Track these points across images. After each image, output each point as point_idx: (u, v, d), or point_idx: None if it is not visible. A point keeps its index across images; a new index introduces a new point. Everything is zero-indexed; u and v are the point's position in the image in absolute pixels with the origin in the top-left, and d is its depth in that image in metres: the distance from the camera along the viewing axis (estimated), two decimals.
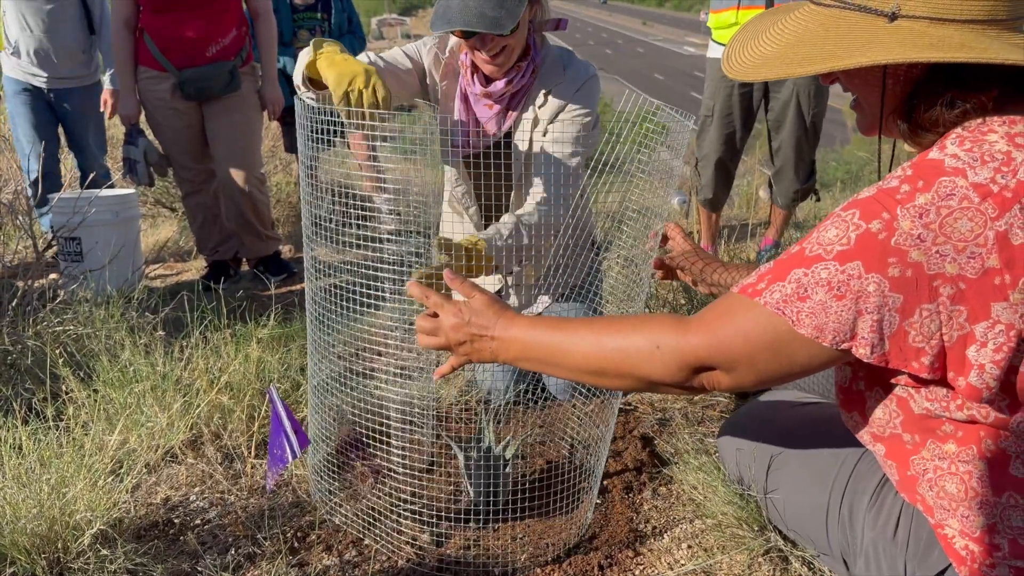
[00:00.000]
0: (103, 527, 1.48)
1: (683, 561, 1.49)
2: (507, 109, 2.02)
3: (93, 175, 3.47)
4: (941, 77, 1.00)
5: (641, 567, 1.48)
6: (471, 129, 2.04)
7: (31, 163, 3.64)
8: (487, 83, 1.99)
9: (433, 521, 1.59)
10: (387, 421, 1.60)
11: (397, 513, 1.55)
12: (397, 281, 1.46)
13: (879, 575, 1.19)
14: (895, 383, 1.07)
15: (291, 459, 1.47)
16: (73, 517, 1.47)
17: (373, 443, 1.60)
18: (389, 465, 1.60)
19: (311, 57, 1.64)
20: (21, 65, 3.67)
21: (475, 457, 1.61)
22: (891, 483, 1.19)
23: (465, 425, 2.04)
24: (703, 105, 3.38)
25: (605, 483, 1.76)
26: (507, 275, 2.18)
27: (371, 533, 1.55)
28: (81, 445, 1.68)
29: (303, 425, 1.77)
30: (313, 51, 1.64)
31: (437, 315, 1.28)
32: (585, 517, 1.61)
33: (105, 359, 2.07)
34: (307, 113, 1.50)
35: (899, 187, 0.97)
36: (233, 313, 2.53)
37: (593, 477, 1.66)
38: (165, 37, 3.14)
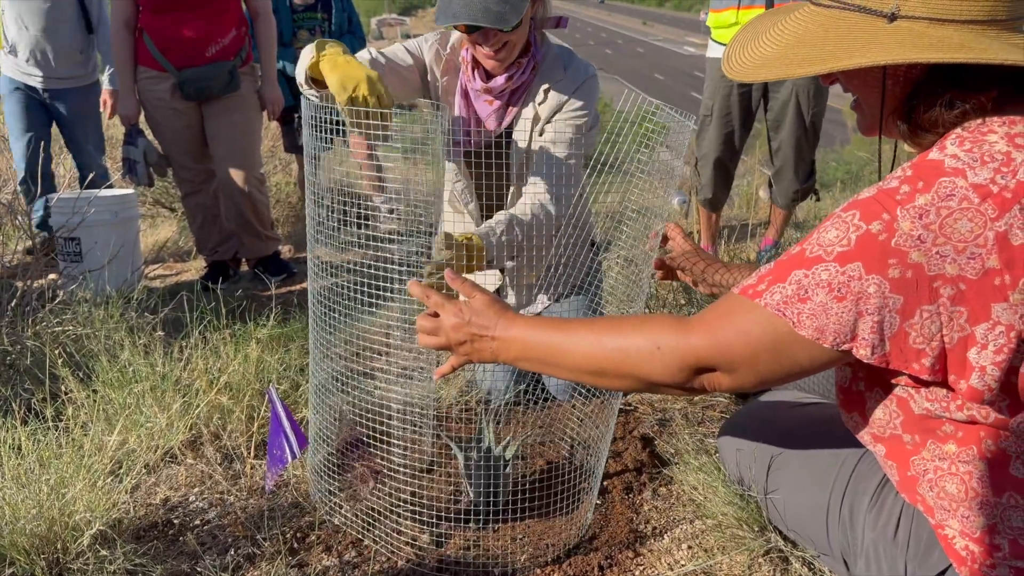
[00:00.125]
0: (102, 528, 1.48)
1: (683, 562, 1.49)
2: (507, 105, 2.02)
3: (92, 175, 3.46)
4: (941, 78, 1.00)
5: (641, 568, 1.48)
6: (472, 126, 2.04)
7: (19, 163, 3.64)
8: (488, 79, 1.99)
9: (433, 522, 1.58)
10: (387, 421, 1.59)
11: (397, 514, 1.55)
12: (398, 281, 1.46)
13: (879, 575, 1.19)
14: (895, 384, 1.07)
15: (290, 459, 1.47)
16: (72, 518, 1.46)
17: (373, 443, 1.60)
18: (389, 465, 1.60)
19: (314, 58, 1.63)
20: (18, 64, 3.66)
21: (475, 458, 1.61)
22: (891, 484, 1.19)
23: (465, 425, 2.04)
24: (702, 105, 3.38)
25: (605, 483, 1.76)
26: (504, 274, 2.18)
27: (371, 534, 1.54)
28: (80, 445, 1.68)
29: (302, 426, 1.77)
30: (316, 52, 1.63)
31: (438, 315, 1.28)
32: (585, 518, 1.61)
33: (104, 359, 2.07)
34: (317, 112, 1.50)
35: (899, 188, 0.97)
36: (232, 313, 2.53)
37: (593, 477, 1.66)
38: (165, 37, 3.14)
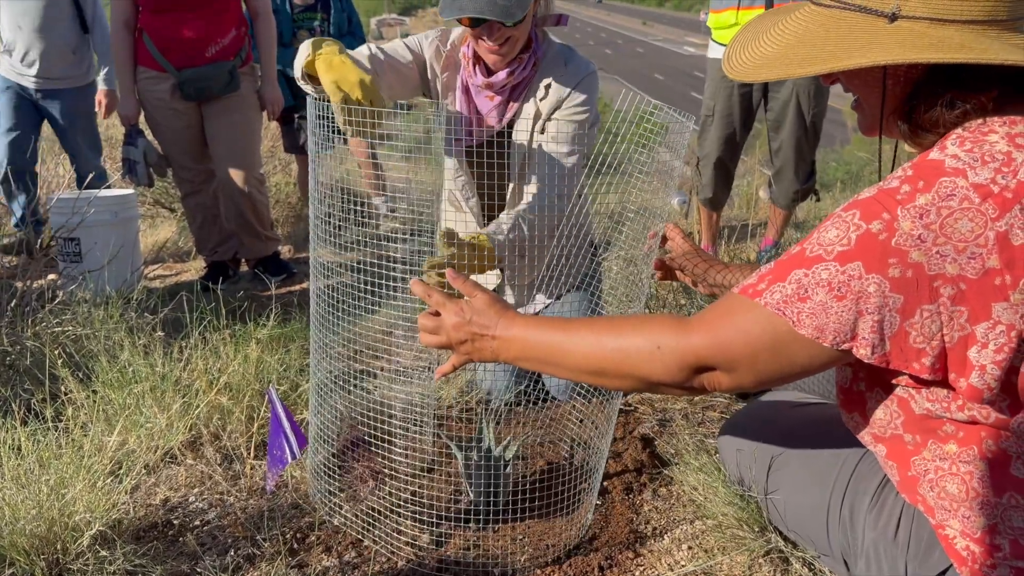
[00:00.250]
0: (102, 528, 1.48)
1: (683, 562, 1.48)
2: (508, 101, 2.02)
3: (92, 175, 3.45)
4: (941, 78, 1.00)
5: (641, 568, 1.48)
6: (472, 122, 2.04)
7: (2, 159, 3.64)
8: (489, 74, 1.99)
9: (433, 522, 1.58)
10: (388, 421, 1.59)
11: (397, 514, 1.55)
12: (400, 280, 1.46)
13: (880, 575, 1.19)
14: (896, 384, 1.07)
15: (290, 460, 1.47)
16: (72, 518, 1.46)
17: (373, 444, 1.60)
18: (389, 466, 1.60)
19: (309, 56, 1.63)
20: (12, 64, 3.65)
21: (475, 458, 1.61)
22: (892, 484, 1.19)
23: (465, 425, 2.04)
24: (704, 105, 3.38)
25: (605, 484, 1.75)
26: (504, 271, 2.17)
27: (371, 534, 1.54)
28: (80, 446, 1.68)
29: (302, 426, 1.77)
30: (312, 51, 1.63)
31: (439, 314, 1.28)
32: (585, 518, 1.61)
33: (104, 360, 2.07)
34: (320, 111, 1.49)
35: (899, 187, 0.97)
36: (232, 314, 2.53)
37: (593, 478, 1.66)
38: (164, 37, 3.13)
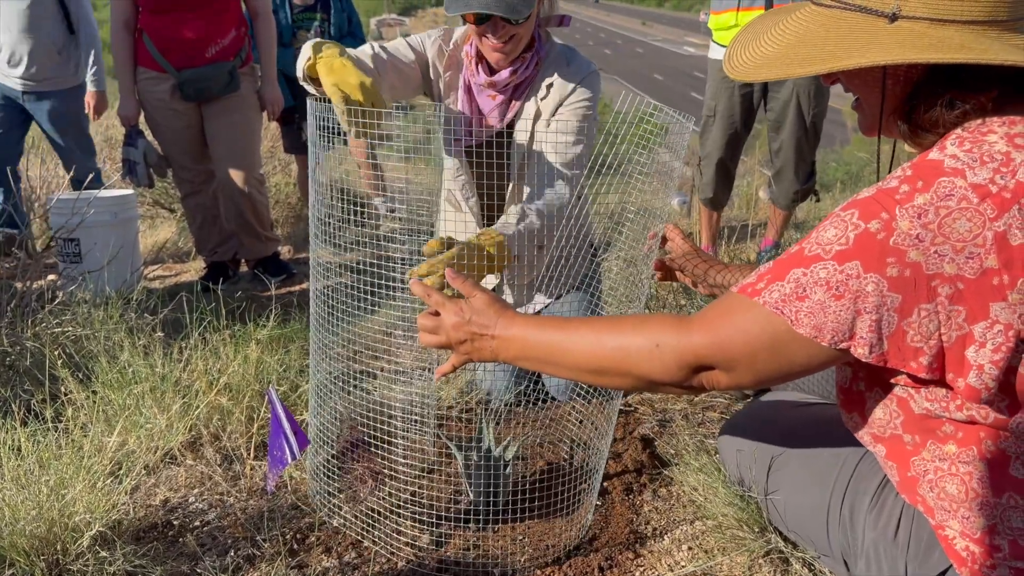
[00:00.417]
0: (102, 529, 1.48)
1: (683, 563, 1.48)
2: (510, 100, 2.02)
3: (91, 176, 3.44)
4: (941, 78, 1.00)
5: (641, 569, 1.48)
6: (474, 121, 2.04)
7: None
8: (491, 73, 1.99)
9: (433, 523, 1.58)
10: (388, 422, 1.59)
11: (397, 515, 1.55)
12: (400, 280, 1.46)
13: None
14: (895, 383, 1.07)
15: (290, 460, 1.47)
16: (72, 519, 1.46)
17: (373, 444, 1.60)
18: (389, 466, 1.60)
19: (310, 60, 1.63)
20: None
21: (475, 458, 1.61)
22: (892, 484, 1.19)
23: (465, 426, 2.04)
24: (705, 105, 3.39)
25: (605, 484, 1.75)
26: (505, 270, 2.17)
27: (370, 535, 1.54)
28: (80, 447, 1.68)
29: (302, 427, 1.77)
30: (313, 53, 1.63)
31: (438, 314, 1.28)
32: (585, 518, 1.61)
33: (104, 360, 2.07)
34: (322, 112, 1.49)
35: (898, 187, 0.97)
36: (232, 314, 2.53)
37: (593, 478, 1.66)
38: (164, 38, 3.13)
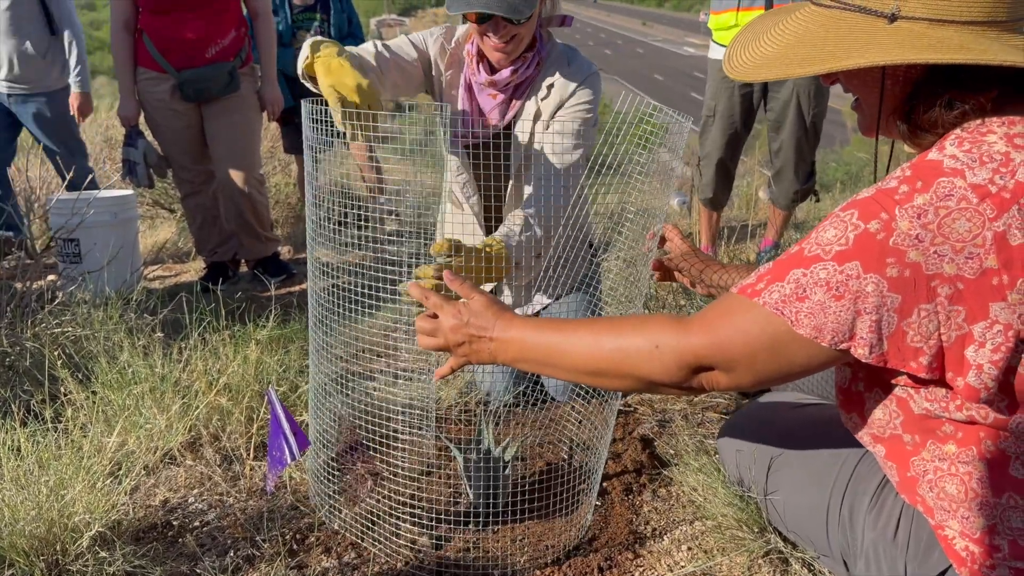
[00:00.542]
0: (102, 529, 1.48)
1: (683, 563, 1.48)
2: (511, 99, 2.02)
3: (90, 178, 3.43)
4: (940, 78, 1.00)
5: (641, 569, 1.48)
6: (475, 120, 2.04)
7: None
8: (492, 72, 1.99)
9: (432, 524, 1.58)
10: (387, 423, 1.59)
11: (396, 516, 1.55)
12: (399, 282, 1.46)
13: None
14: (895, 384, 1.07)
15: (290, 461, 1.47)
16: (72, 519, 1.46)
17: (373, 446, 1.60)
18: (389, 467, 1.60)
19: (308, 59, 1.63)
20: None
21: (474, 459, 1.61)
22: (891, 484, 1.19)
23: (464, 427, 2.04)
24: (705, 105, 3.39)
25: (605, 485, 1.75)
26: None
27: (370, 536, 1.54)
28: (80, 447, 1.68)
29: (302, 427, 1.77)
30: (311, 52, 1.63)
31: (437, 316, 1.28)
32: (585, 519, 1.61)
33: (104, 361, 2.07)
34: (316, 115, 1.49)
35: (898, 187, 0.97)
36: (232, 314, 2.53)
37: (592, 479, 1.66)
38: (164, 38, 3.14)
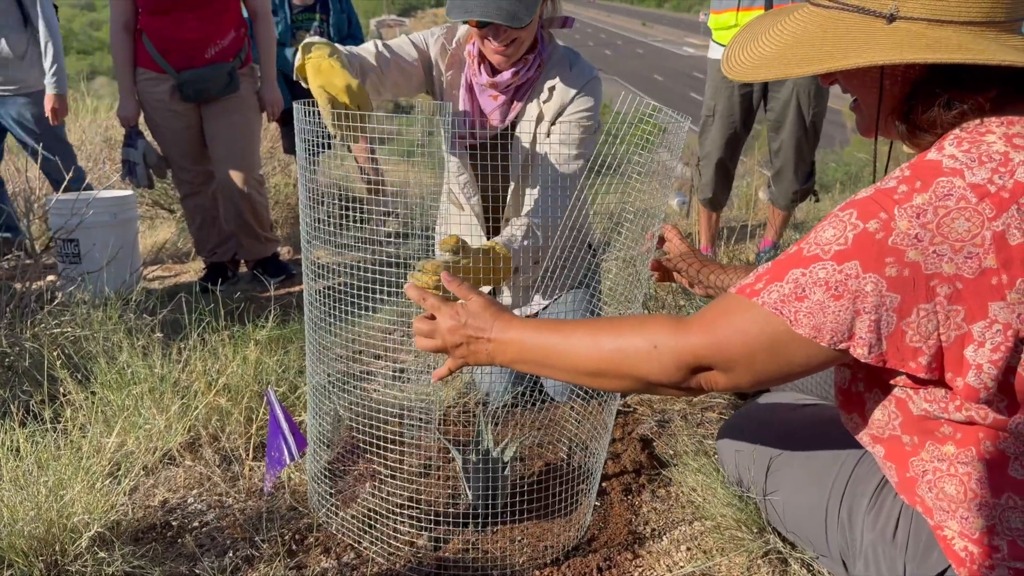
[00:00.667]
0: (101, 529, 1.48)
1: (682, 563, 1.48)
2: (511, 101, 2.02)
3: (69, 176, 3.39)
4: (939, 78, 1.00)
5: (640, 569, 1.48)
6: (476, 121, 2.04)
7: None
8: (493, 73, 1.99)
9: (431, 524, 1.58)
10: (386, 424, 1.59)
11: (395, 516, 1.54)
12: (397, 283, 1.45)
13: None
14: (894, 384, 1.07)
15: (289, 461, 1.47)
16: (71, 519, 1.46)
17: (371, 446, 1.60)
18: (388, 468, 1.60)
19: (300, 60, 1.63)
20: None
21: (473, 459, 1.61)
22: (890, 485, 1.19)
23: (463, 427, 2.03)
24: (704, 105, 3.39)
25: (604, 485, 1.75)
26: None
27: (369, 537, 1.54)
28: (79, 447, 1.68)
29: (301, 428, 1.77)
30: (301, 55, 1.63)
31: (434, 317, 1.28)
32: (584, 519, 1.60)
33: (103, 361, 2.07)
34: (306, 117, 1.49)
35: (897, 187, 0.97)
36: (231, 315, 2.53)
37: (592, 479, 1.66)
38: (164, 38, 3.14)
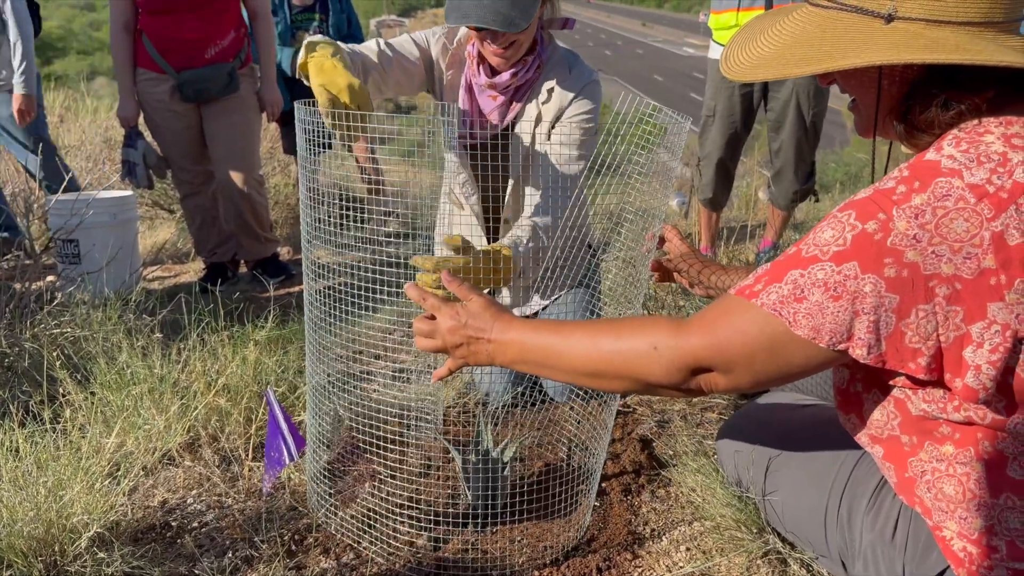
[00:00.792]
0: (100, 530, 1.48)
1: (681, 563, 1.48)
2: (510, 101, 2.03)
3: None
4: (937, 79, 1.00)
5: (639, 570, 1.48)
6: (475, 121, 2.04)
7: None
8: (492, 74, 1.99)
9: (431, 524, 1.58)
10: (386, 424, 1.59)
11: (395, 517, 1.54)
12: (397, 283, 1.45)
13: None
14: (893, 385, 1.07)
15: (288, 462, 1.47)
16: (70, 520, 1.46)
17: (371, 447, 1.60)
18: (387, 468, 1.60)
19: (303, 59, 1.64)
20: None
21: (473, 460, 1.61)
22: (889, 485, 1.19)
23: (463, 427, 2.04)
24: (705, 105, 3.39)
25: (603, 485, 1.75)
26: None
27: (368, 537, 1.54)
28: (78, 448, 1.68)
29: (300, 428, 1.77)
30: (305, 53, 1.63)
31: (435, 317, 1.28)
32: (583, 519, 1.60)
33: (102, 361, 2.07)
34: (307, 116, 1.49)
35: (895, 188, 0.97)
36: (231, 315, 2.53)
37: (591, 479, 1.66)
38: (164, 38, 3.14)
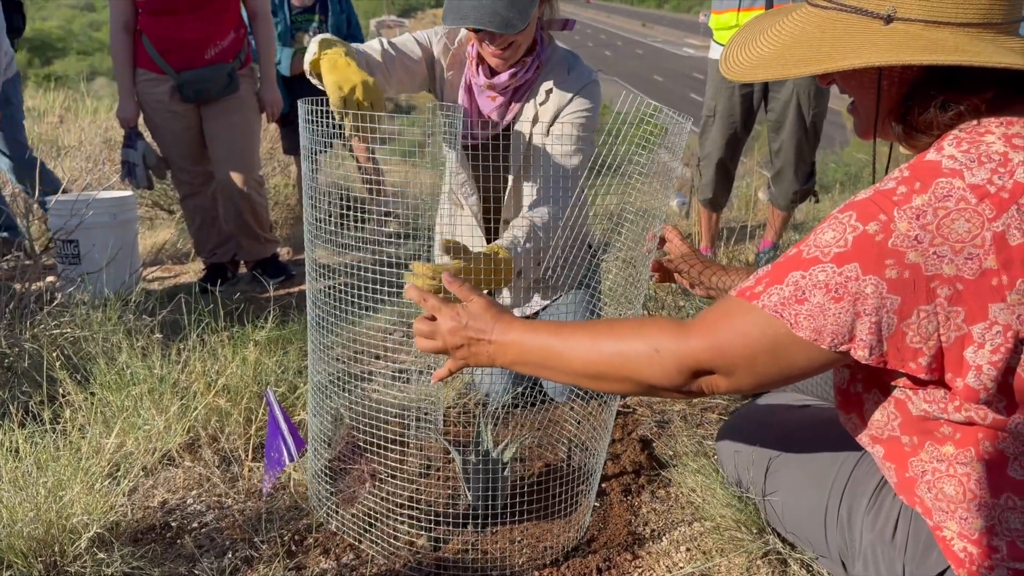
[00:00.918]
0: (100, 530, 1.48)
1: (681, 564, 1.48)
2: (509, 102, 2.03)
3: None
4: (936, 80, 1.00)
5: (639, 570, 1.48)
6: (475, 122, 2.04)
7: None
8: (491, 75, 2.00)
9: (431, 524, 1.58)
10: (386, 424, 1.59)
11: (395, 517, 1.54)
12: (397, 283, 1.45)
13: None
14: (893, 385, 1.07)
15: (288, 462, 1.47)
16: (70, 520, 1.46)
17: (371, 447, 1.60)
18: (387, 468, 1.60)
19: (315, 55, 1.64)
20: None
21: (473, 460, 1.61)
22: (890, 485, 1.19)
23: (463, 428, 2.03)
24: (705, 106, 3.39)
25: (603, 485, 1.75)
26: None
27: (368, 537, 1.54)
28: (78, 448, 1.67)
29: (300, 428, 1.77)
30: (318, 50, 1.64)
31: (435, 318, 1.28)
32: (583, 520, 1.60)
33: (102, 362, 2.07)
34: (311, 116, 1.50)
35: (896, 188, 0.97)
36: (231, 316, 2.53)
37: (591, 479, 1.66)
38: (163, 39, 3.13)
